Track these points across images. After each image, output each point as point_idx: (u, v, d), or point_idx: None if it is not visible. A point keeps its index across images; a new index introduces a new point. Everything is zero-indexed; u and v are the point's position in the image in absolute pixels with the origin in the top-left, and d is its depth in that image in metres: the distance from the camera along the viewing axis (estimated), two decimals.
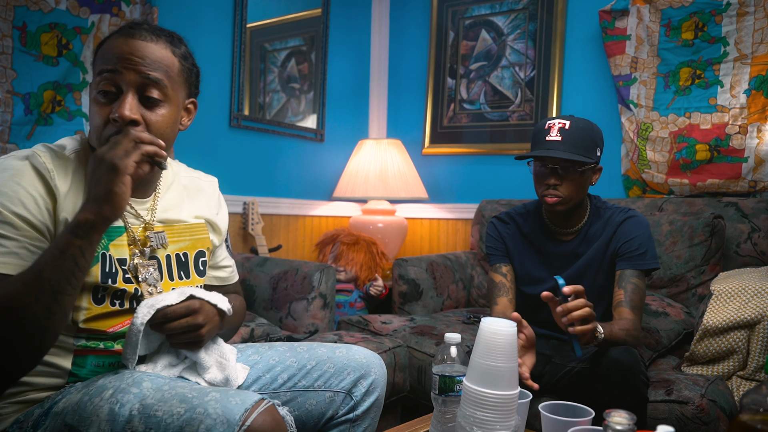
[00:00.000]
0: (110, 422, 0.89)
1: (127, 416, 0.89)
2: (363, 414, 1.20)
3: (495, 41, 2.93)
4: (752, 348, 1.66)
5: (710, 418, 1.46)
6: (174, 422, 0.87)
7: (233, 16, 2.52)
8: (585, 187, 1.59)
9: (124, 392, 0.92)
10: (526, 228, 1.71)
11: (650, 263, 1.55)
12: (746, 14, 2.25)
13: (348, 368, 1.19)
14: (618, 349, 1.39)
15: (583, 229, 1.64)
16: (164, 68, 1.02)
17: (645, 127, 2.46)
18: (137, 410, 0.89)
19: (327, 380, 1.18)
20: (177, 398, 0.90)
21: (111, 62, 0.98)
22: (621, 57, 2.51)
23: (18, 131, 1.79)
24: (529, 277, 1.69)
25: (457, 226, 3.07)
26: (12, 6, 1.75)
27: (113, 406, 0.90)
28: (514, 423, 0.99)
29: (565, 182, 1.55)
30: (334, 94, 3.08)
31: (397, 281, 2.40)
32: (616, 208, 1.64)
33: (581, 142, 1.53)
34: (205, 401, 0.89)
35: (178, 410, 0.88)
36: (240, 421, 0.85)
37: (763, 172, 2.22)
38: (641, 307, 1.51)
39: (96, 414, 0.90)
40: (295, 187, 2.88)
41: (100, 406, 0.91)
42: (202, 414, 0.86)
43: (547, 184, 1.57)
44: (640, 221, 1.59)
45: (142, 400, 0.91)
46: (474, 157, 3.02)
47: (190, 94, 1.13)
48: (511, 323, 0.98)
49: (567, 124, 1.55)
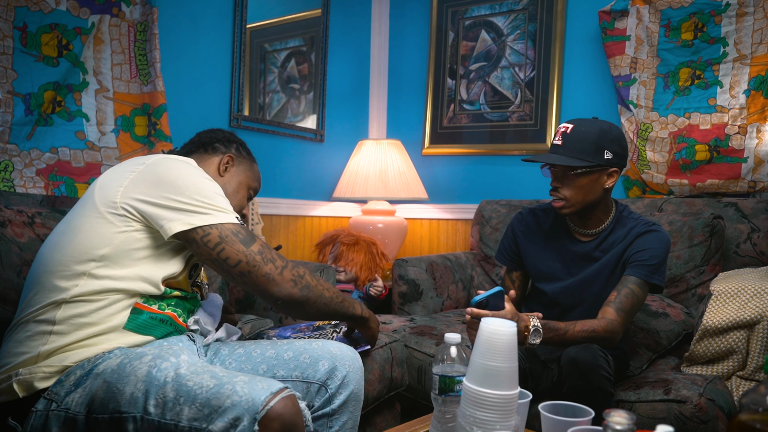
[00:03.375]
0: (146, 382, 0.99)
1: (162, 381, 0.99)
2: (339, 408, 1.24)
3: (495, 42, 2.93)
4: (752, 348, 1.66)
5: (709, 417, 1.47)
6: (203, 393, 0.96)
7: (233, 16, 2.52)
8: (591, 190, 1.56)
9: (163, 359, 1.03)
10: (546, 224, 1.72)
11: (655, 278, 1.52)
12: (746, 15, 2.26)
13: (322, 358, 1.26)
14: (575, 348, 1.40)
15: (603, 233, 1.63)
16: None
17: (645, 128, 2.46)
18: (171, 377, 0.99)
19: (303, 370, 1.25)
20: (209, 374, 1.00)
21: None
22: (620, 57, 2.51)
23: (18, 131, 1.79)
24: (542, 273, 1.70)
25: (457, 226, 3.07)
26: (12, 6, 1.75)
27: (151, 369, 1.01)
28: (514, 423, 0.99)
29: (565, 186, 1.56)
30: (334, 95, 3.08)
31: (397, 281, 2.41)
32: (641, 220, 1.61)
33: (579, 145, 1.53)
34: (234, 381, 0.98)
35: (208, 384, 0.97)
36: (264, 401, 0.94)
37: (762, 172, 2.22)
38: (630, 311, 1.49)
39: (134, 373, 1.01)
40: (295, 188, 2.88)
41: (139, 368, 1.02)
42: (230, 390, 0.96)
43: (552, 188, 1.60)
44: (661, 236, 1.56)
45: (177, 369, 1.00)
46: (474, 158, 3.03)
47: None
48: (510, 323, 0.98)
49: (570, 127, 1.55)
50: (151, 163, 1.20)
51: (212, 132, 1.48)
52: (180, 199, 1.16)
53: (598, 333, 1.42)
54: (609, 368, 1.39)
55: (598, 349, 1.39)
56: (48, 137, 1.86)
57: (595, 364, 1.35)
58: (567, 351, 1.41)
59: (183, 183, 1.17)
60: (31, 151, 1.83)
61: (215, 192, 1.21)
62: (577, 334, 1.41)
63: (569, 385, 1.38)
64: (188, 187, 1.17)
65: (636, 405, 1.54)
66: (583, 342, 1.41)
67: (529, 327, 1.34)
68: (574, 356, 1.38)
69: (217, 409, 0.94)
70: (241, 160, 1.46)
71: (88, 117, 1.96)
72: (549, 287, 1.68)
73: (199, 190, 1.17)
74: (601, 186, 1.56)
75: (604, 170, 1.55)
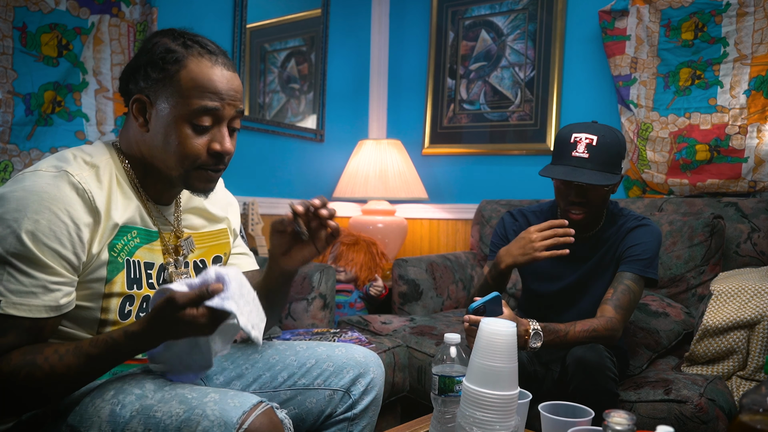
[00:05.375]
0: (111, 423, 0.90)
1: (128, 417, 0.90)
2: (361, 413, 1.20)
3: (495, 41, 2.93)
4: (752, 348, 1.66)
5: (709, 417, 1.46)
6: (172, 423, 0.88)
7: (233, 16, 2.52)
8: (608, 198, 1.58)
9: (126, 393, 0.93)
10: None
11: (649, 272, 1.53)
12: (746, 14, 2.25)
13: (347, 366, 1.20)
14: (582, 348, 1.39)
15: (597, 233, 1.63)
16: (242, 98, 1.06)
17: (645, 128, 2.46)
18: (137, 411, 0.90)
19: (326, 378, 1.18)
20: (176, 399, 0.91)
21: (215, 99, 0.99)
22: (621, 57, 2.51)
23: (18, 131, 1.79)
24: (535, 274, 1.69)
25: (457, 226, 3.07)
26: (12, 7, 1.75)
27: (114, 407, 0.91)
28: (513, 423, 0.99)
29: (590, 199, 1.52)
30: (334, 95, 3.08)
31: (397, 281, 2.40)
32: (631, 215, 1.62)
33: (609, 158, 1.48)
34: (204, 402, 0.89)
35: (177, 411, 0.88)
36: (237, 423, 0.85)
37: (762, 172, 2.22)
38: (628, 308, 1.49)
39: (97, 414, 0.91)
40: (295, 188, 2.88)
41: (102, 407, 0.92)
42: (200, 416, 0.87)
43: (571, 201, 1.53)
44: (651, 230, 1.57)
45: (142, 400, 0.91)
46: (474, 158, 3.02)
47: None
48: (510, 323, 0.98)
49: (595, 139, 1.48)
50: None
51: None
52: None
53: (598, 332, 1.42)
54: (615, 369, 1.38)
55: (604, 349, 1.39)
56: (48, 137, 1.86)
57: (602, 365, 1.35)
58: (573, 351, 1.40)
59: None
60: (31, 151, 1.83)
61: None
62: (578, 334, 1.41)
63: (575, 385, 1.37)
64: None
65: (636, 405, 1.54)
66: (584, 342, 1.40)
67: (529, 331, 1.34)
68: (580, 356, 1.37)
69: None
70: (161, 83, 0.99)
71: (88, 117, 1.96)
72: (543, 288, 1.68)
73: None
74: (612, 192, 1.57)
75: (620, 179, 1.57)
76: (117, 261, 0.99)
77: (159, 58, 0.98)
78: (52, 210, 0.90)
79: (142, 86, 1.00)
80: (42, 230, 0.89)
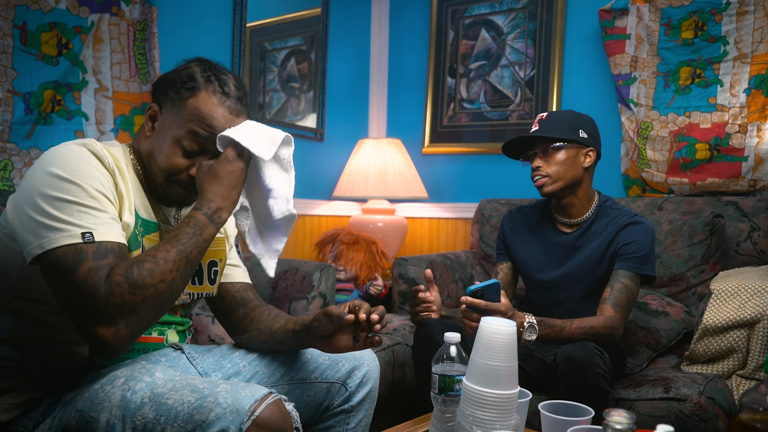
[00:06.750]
0: (122, 408, 0.93)
1: (139, 403, 0.92)
2: (357, 404, 1.24)
3: (495, 40, 2.93)
4: (752, 347, 1.66)
5: (708, 416, 1.47)
6: (184, 409, 0.90)
7: (233, 15, 2.52)
8: (573, 166, 1.62)
9: (136, 380, 0.96)
10: (532, 219, 1.78)
11: (646, 269, 1.55)
12: (746, 13, 2.25)
13: (342, 359, 1.24)
14: (571, 345, 1.40)
15: (585, 223, 1.67)
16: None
17: (645, 126, 2.46)
18: (148, 398, 0.93)
19: (323, 372, 1.22)
20: (188, 388, 0.94)
21: (206, 130, 1.08)
22: (621, 56, 2.51)
23: (18, 130, 1.79)
24: (530, 266, 1.74)
25: (457, 225, 3.07)
26: (12, 5, 1.75)
27: (125, 393, 0.94)
28: (513, 422, 0.99)
29: (546, 162, 1.63)
30: (333, 94, 3.08)
31: (397, 280, 2.40)
32: (623, 211, 1.64)
33: (555, 125, 1.62)
34: (216, 391, 0.92)
35: (189, 399, 0.92)
36: (249, 411, 0.89)
37: (762, 171, 2.22)
38: (626, 306, 1.51)
39: (108, 400, 0.94)
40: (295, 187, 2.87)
41: (112, 393, 0.94)
42: (213, 402, 0.90)
43: (533, 169, 1.65)
44: (645, 227, 1.59)
45: (153, 388, 0.94)
46: (474, 157, 3.02)
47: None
48: (510, 322, 0.98)
49: (545, 115, 1.66)
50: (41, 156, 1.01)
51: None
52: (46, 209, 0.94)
53: (596, 330, 1.42)
54: (605, 366, 1.39)
55: (593, 347, 1.39)
56: (47, 136, 1.86)
57: (591, 362, 1.36)
58: (562, 349, 1.41)
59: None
60: (31, 150, 1.83)
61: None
62: (574, 330, 1.41)
63: (565, 383, 1.38)
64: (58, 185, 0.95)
65: (636, 403, 1.54)
66: (580, 339, 1.41)
67: (524, 323, 1.34)
68: (569, 354, 1.38)
69: (201, 423, 0.89)
70: (174, 102, 1.09)
71: (88, 116, 1.96)
72: (536, 279, 1.72)
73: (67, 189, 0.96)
74: (579, 164, 1.62)
75: (581, 148, 1.63)
76: (136, 238, 1.06)
77: (181, 81, 1.10)
78: (92, 164, 0.99)
79: (161, 98, 1.12)
80: (89, 179, 0.97)
